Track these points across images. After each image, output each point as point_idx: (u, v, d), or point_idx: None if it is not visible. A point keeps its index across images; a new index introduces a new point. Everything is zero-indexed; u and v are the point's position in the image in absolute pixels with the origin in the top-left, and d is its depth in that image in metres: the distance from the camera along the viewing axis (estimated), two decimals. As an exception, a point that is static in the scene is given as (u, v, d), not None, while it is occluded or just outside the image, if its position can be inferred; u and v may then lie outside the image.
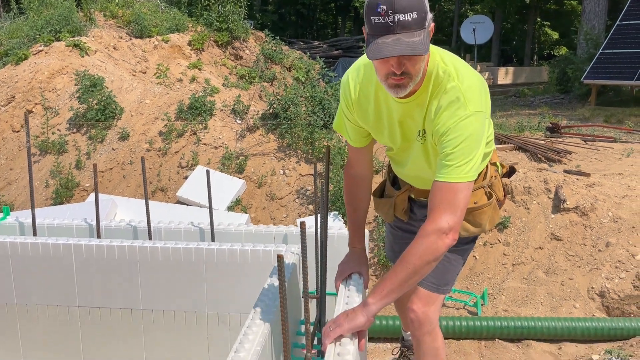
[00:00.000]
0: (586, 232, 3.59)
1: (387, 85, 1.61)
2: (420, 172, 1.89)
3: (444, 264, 1.88)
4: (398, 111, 1.74)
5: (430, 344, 1.99)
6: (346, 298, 1.85)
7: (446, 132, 1.61)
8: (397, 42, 1.47)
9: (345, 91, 1.82)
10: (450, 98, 1.62)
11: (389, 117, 1.79)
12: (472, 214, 1.90)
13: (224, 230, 2.99)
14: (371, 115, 1.81)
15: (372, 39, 1.50)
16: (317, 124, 4.63)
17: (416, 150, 1.81)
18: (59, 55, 6.10)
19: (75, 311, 2.75)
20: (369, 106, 1.80)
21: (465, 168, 1.60)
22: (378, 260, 3.82)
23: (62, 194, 4.64)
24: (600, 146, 6.56)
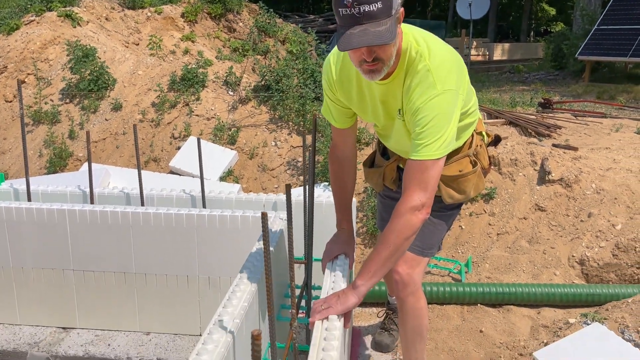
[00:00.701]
0: (569, 203, 3.67)
1: (362, 71, 1.68)
2: (404, 146, 1.96)
3: (428, 228, 1.98)
4: (379, 91, 1.82)
5: (414, 304, 2.09)
6: (332, 283, 1.92)
7: (416, 111, 1.68)
8: (364, 33, 1.53)
9: (327, 73, 1.89)
10: (420, 78, 1.69)
11: (371, 97, 1.85)
12: (457, 181, 1.99)
13: (215, 197, 3.06)
14: (354, 95, 1.88)
15: (341, 29, 1.57)
16: (309, 96, 4.67)
17: (397, 127, 1.89)
18: (50, 25, 6.07)
19: (70, 274, 2.83)
20: (352, 87, 1.86)
21: (434, 146, 1.66)
22: (367, 229, 3.90)
23: (56, 163, 4.69)
24: (590, 121, 6.63)
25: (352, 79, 1.85)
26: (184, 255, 2.76)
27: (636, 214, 3.48)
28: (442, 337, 2.83)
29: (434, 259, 3.57)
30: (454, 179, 1.97)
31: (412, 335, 2.14)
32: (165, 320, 2.85)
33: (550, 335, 2.69)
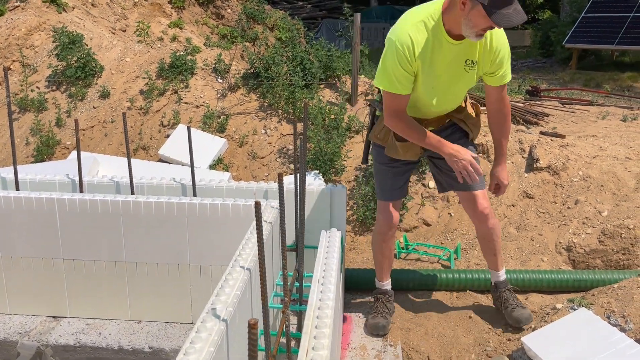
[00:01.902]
0: (557, 191, 3.72)
1: (475, 35, 2.17)
2: (448, 98, 2.49)
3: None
4: (451, 52, 2.28)
5: (497, 222, 2.73)
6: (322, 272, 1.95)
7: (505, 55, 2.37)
8: (516, 12, 2.05)
9: (408, 47, 2.24)
10: (500, 32, 2.34)
11: (442, 59, 2.30)
12: (475, 121, 2.66)
13: (205, 186, 3.05)
14: (427, 61, 2.28)
15: (494, 9, 2.03)
16: (298, 84, 4.65)
17: (458, 78, 2.40)
18: (35, 11, 5.97)
19: (60, 263, 2.82)
20: (426, 55, 2.27)
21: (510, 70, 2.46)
22: (357, 217, 3.92)
23: (43, 151, 4.64)
24: (577, 109, 6.69)
25: (428, 47, 2.26)
26: (175, 244, 2.76)
27: (622, 201, 3.54)
28: (431, 323, 2.86)
29: (424, 246, 3.60)
30: (474, 120, 2.66)
31: (500, 242, 2.77)
32: (157, 308, 2.85)
33: (537, 320, 2.74)
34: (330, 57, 4.94)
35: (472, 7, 2.08)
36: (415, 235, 3.79)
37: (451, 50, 2.29)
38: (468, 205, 2.68)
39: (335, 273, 1.95)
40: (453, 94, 2.49)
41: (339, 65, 4.91)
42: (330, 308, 1.70)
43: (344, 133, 4.39)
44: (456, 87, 2.45)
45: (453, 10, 2.18)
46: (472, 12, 2.09)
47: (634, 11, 10.46)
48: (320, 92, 4.78)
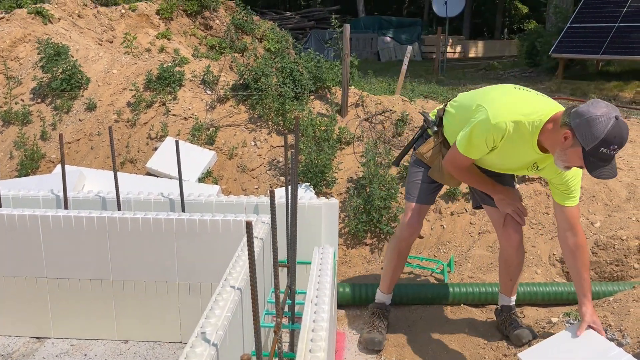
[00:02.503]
0: (549, 201, 3.70)
1: (564, 167, 2.22)
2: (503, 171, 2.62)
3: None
4: (533, 157, 2.36)
5: (523, 251, 2.77)
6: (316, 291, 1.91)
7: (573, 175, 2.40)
8: (610, 169, 2.09)
9: (501, 133, 2.30)
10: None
11: (521, 157, 2.39)
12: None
13: (194, 200, 2.99)
14: (509, 149, 2.34)
15: (593, 159, 2.05)
16: (288, 95, 4.61)
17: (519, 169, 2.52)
18: (20, 22, 5.88)
19: (44, 282, 2.73)
20: (513, 145, 2.32)
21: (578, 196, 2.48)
22: (349, 230, 3.87)
23: (28, 165, 4.54)
24: (565, 119, 6.70)
25: (518, 142, 2.31)
26: (163, 261, 2.69)
27: (614, 212, 3.52)
28: (426, 338, 2.81)
29: (417, 259, 3.55)
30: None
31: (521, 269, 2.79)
32: (144, 327, 2.77)
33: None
34: (320, 68, 4.91)
35: (573, 145, 2.08)
36: (407, 248, 3.74)
37: (531, 154, 2.34)
38: (498, 223, 2.72)
39: (329, 292, 1.89)
40: (511, 172, 2.66)
41: (329, 77, 4.88)
42: (325, 329, 1.65)
43: (335, 145, 4.35)
44: (517, 171, 2.62)
45: (554, 135, 2.18)
46: (570, 150, 2.10)
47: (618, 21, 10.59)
48: (310, 104, 4.74)
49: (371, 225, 3.84)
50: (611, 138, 1.99)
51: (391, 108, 4.71)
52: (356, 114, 4.70)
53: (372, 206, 3.81)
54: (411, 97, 5.11)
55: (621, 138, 2.01)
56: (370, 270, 3.61)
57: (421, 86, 8.99)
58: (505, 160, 2.45)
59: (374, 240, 3.84)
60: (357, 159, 4.29)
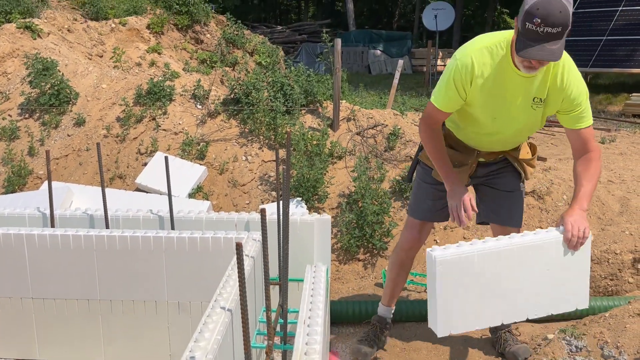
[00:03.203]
0: (542, 215, 3.68)
1: (523, 66, 2.07)
2: (509, 135, 2.39)
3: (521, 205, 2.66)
4: (518, 85, 2.18)
5: None
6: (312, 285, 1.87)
7: (578, 95, 2.18)
8: (541, 49, 1.93)
9: (466, 67, 2.19)
10: (570, 67, 2.17)
11: (505, 91, 2.21)
12: (530, 162, 2.57)
13: (184, 217, 2.93)
14: (487, 89, 2.21)
15: (522, 37, 1.94)
16: (279, 110, 4.59)
17: (523, 115, 2.27)
18: (9, 37, 5.83)
19: (29, 303, 2.66)
20: (487, 81, 2.19)
21: (590, 116, 2.26)
22: (341, 246, 3.83)
23: (15, 182, 4.47)
24: (556, 131, 6.75)
25: (491, 75, 2.19)
26: (152, 280, 2.63)
27: (607, 225, 3.51)
28: (421, 356, 2.77)
29: (410, 275, 3.51)
30: (529, 160, 2.56)
31: None
32: (133, 348, 2.70)
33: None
34: (311, 82, 4.90)
35: (516, 35, 2.00)
36: (400, 263, 3.70)
37: (517, 82, 2.18)
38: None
39: (322, 312, 1.85)
40: (516, 130, 2.36)
41: (320, 91, 4.87)
42: (318, 353, 1.60)
43: (327, 159, 4.32)
44: (520, 123, 2.31)
45: None
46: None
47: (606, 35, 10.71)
48: (301, 118, 4.72)
49: (364, 241, 3.80)
50: (534, 10, 1.87)
51: (383, 122, 4.70)
52: (348, 128, 4.68)
53: (364, 221, 3.77)
54: (402, 111, 5.10)
55: (546, 10, 1.85)
56: (364, 287, 3.56)
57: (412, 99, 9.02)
58: (501, 110, 2.26)
59: (367, 255, 3.80)
60: (349, 174, 4.26)
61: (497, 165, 2.55)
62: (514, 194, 2.59)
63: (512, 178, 2.57)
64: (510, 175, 2.56)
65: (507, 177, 2.57)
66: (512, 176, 2.56)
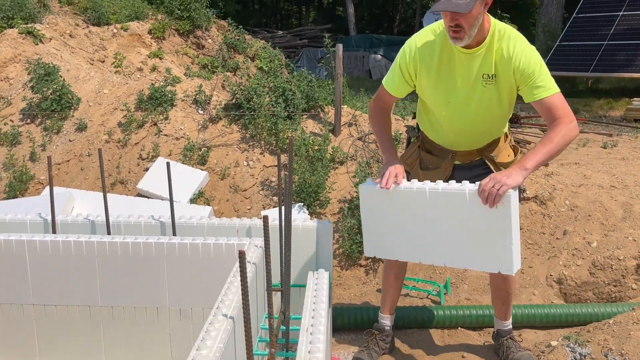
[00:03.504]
0: (545, 221, 3.67)
1: (450, 36, 2.11)
2: (470, 123, 2.30)
3: None
4: (464, 61, 2.18)
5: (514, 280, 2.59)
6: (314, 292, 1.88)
7: (528, 64, 2.13)
8: (447, 2, 2.00)
9: (410, 49, 2.26)
10: (515, 40, 2.17)
11: (452, 70, 2.21)
12: (510, 165, 2.41)
13: (185, 223, 2.92)
14: (433, 70, 2.23)
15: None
16: (281, 115, 4.58)
17: (475, 95, 2.22)
18: (11, 42, 5.84)
19: (30, 309, 2.65)
20: (432, 62, 2.23)
21: (553, 83, 2.17)
22: (343, 251, 3.82)
23: (16, 187, 4.46)
24: (558, 136, 6.71)
25: (435, 54, 2.22)
26: (153, 286, 2.61)
27: (610, 231, 3.50)
28: (423, 363, 2.75)
29: (412, 281, 3.50)
30: (508, 164, 2.42)
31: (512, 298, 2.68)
32: (134, 355, 2.69)
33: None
34: (312, 87, 4.90)
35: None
36: (402, 269, 3.69)
37: (463, 60, 2.19)
38: None
39: (325, 320, 1.84)
40: (476, 116, 2.28)
41: (321, 96, 4.87)
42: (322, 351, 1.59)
43: (328, 164, 4.31)
44: (474, 103, 2.25)
45: None
46: None
47: (607, 39, 10.72)
48: (303, 123, 4.72)
49: (366, 246, 3.79)
50: None
51: (384, 127, 4.69)
52: (349, 133, 4.68)
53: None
54: (403, 115, 5.10)
55: None
56: (365, 292, 3.55)
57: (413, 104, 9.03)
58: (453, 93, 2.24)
59: (369, 261, 3.79)
60: (351, 179, 4.25)
61: (477, 171, 2.45)
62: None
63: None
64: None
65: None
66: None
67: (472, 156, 2.45)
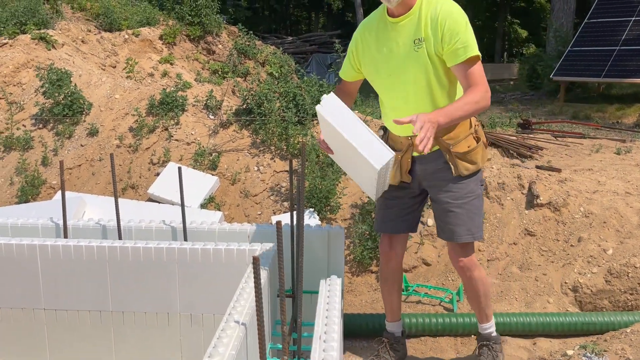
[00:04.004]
0: (559, 228, 3.62)
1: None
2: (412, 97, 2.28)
3: (467, 214, 2.38)
4: (395, 32, 2.24)
5: (479, 275, 2.49)
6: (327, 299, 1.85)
7: (453, 24, 2.14)
8: None
9: (356, 31, 2.39)
10: (445, 3, 2.19)
11: (388, 41, 2.27)
12: (467, 155, 2.33)
13: (196, 229, 2.91)
14: (372, 44, 2.31)
15: None
16: (291, 120, 4.57)
17: (410, 62, 2.23)
18: (24, 48, 5.89)
19: (41, 314, 2.65)
20: (371, 37, 2.32)
21: (474, 46, 2.16)
22: (354, 257, 3.79)
23: (28, 191, 4.48)
24: (569, 142, 6.67)
25: (373, 31, 2.32)
26: (164, 292, 2.60)
27: (626, 238, 3.44)
28: (436, 371, 2.71)
29: (425, 288, 3.46)
30: (465, 154, 2.33)
31: (484, 300, 2.56)
32: (145, 361, 2.68)
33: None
34: (323, 92, 4.89)
35: None
36: (415, 276, 3.66)
37: (396, 29, 2.24)
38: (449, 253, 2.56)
39: (338, 327, 1.81)
40: (413, 83, 2.25)
41: (332, 101, 4.85)
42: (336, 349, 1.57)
43: (339, 170, 4.29)
44: (410, 71, 2.24)
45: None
46: None
47: (619, 44, 10.63)
48: (313, 128, 4.70)
49: (377, 252, 3.75)
50: None
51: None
52: (360, 138, 4.65)
53: (377, 232, 3.73)
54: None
55: None
56: (377, 299, 3.51)
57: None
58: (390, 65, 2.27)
59: (380, 267, 3.75)
60: (362, 184, 4.23)
61: (435, 165, 2.36)
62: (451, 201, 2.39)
63: (446, 177, 2.36)
64: (447, 174, 2.36)
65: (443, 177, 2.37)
66: (446, 175, 2.36)
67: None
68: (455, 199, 2.37)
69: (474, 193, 2.39)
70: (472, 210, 2.39)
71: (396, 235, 2.62)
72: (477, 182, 2.41)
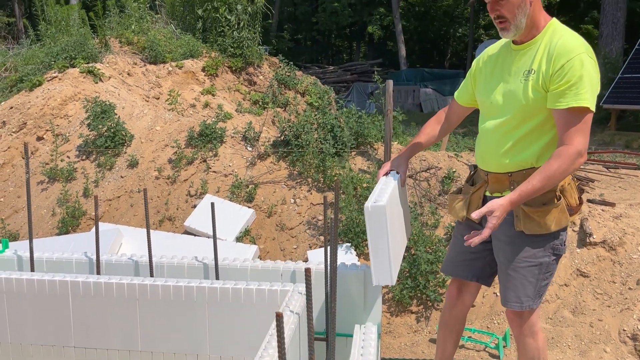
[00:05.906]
0: (615, 268, 3.36)
1: (498, 28, 2.06)
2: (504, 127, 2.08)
3: (520, 280, 2.09)
4: (513, 61, 2.11)
5: (534, 344, 2.19)
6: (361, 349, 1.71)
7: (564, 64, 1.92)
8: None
9: (481, 54, 2.30)
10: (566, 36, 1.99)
11: (502, 68, 2.15)
12: (538, 212, 2.02)
13: (229, 265, 2.84)
14: (489, 69, 2.21)
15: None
16: (329, 152, 4.50)
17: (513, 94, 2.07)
18: (72, 81, 6.09)
19: (71, 352, 2.60)
20: (490, 61, 2.23)
21: (587, 94, 1.88)
22: (393, 295, 3.62)
23: (69, 222, 4.55)
24: (623, 173, 6.31)
25: (494, 56, 2.23)
26: (194, 331, 2.52)
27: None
28: None
29: (467, 331, 3.26)
30: (536, 211, 2.02)
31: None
32: (173, 403, 2.58)
33: None
34: (362, 124, 4.81)
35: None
36: (457, 317, 3.45)
37: (514, 58, 2.12)
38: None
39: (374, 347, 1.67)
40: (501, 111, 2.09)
41: (371, 133, 4.77)
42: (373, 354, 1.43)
43: (377, 203, 4.16)
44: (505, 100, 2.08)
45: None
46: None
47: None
48: (351, 160, 4.61)
49: (417, 292, 3.58)
50: None
51: (437, 165, 4.52)
52: (400, 170, 4.52)
53: (417, 270, 3.57)
54: (457, 152, 4.91)
55: None
56: (417, 342, 3.33)
57: (466, 139, 8.77)
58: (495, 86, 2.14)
59: (420, 307, 3.57)
60: (401, 219, 4.08)
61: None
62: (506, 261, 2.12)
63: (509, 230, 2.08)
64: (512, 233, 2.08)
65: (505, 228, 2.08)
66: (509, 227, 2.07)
67: (501, 184, 2.10)
68: (511, 260, 2.09)
69: (536, 259, 2.07)
70: (527, 278, 2.08)
71: (467, 283, 2.36)
72: (545, 248, 2.06)
